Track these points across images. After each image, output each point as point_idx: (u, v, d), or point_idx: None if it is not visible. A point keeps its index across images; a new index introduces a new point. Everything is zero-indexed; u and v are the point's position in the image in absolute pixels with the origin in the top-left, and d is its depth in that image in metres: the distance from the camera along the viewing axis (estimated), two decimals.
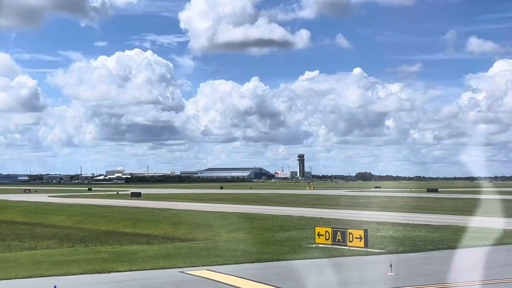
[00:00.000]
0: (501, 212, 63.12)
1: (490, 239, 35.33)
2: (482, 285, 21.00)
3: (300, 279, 22.20)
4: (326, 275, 23.54)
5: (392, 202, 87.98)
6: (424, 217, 53.79)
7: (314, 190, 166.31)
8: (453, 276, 22.76)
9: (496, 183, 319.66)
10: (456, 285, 21.17)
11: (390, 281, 21.56)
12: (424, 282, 21.38)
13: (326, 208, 69.93)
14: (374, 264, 25.45)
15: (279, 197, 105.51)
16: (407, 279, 22.07)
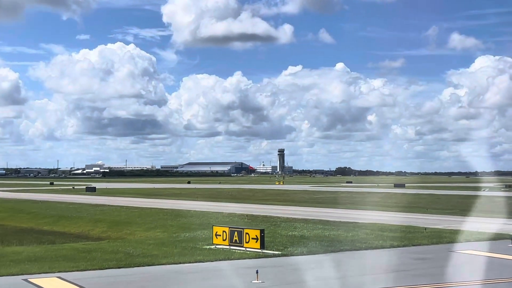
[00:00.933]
0: (448, 209, 61.13)
1: (405, 239, 33.04)
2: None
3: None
4: (181, 284, 21.04)
5: (345, 197, 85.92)
6: (360, 215, 51.49)
7: (283, 185, 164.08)
8: (318, 285, 20.39)
9: (475, 178, 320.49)
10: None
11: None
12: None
13: (273, 204, 67.52)
14: (248, 270, 22.91)
15: (238, 193, 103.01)
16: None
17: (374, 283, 20.66)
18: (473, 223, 43.51)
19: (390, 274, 22.33)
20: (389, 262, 25.60)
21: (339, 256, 27.50)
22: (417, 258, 26.70)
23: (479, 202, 76.67)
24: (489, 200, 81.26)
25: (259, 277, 20.79)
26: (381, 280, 21.11)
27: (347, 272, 23.14)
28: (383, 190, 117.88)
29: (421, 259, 26.62)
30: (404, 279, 21.56)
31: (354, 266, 24.71)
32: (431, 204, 69.78)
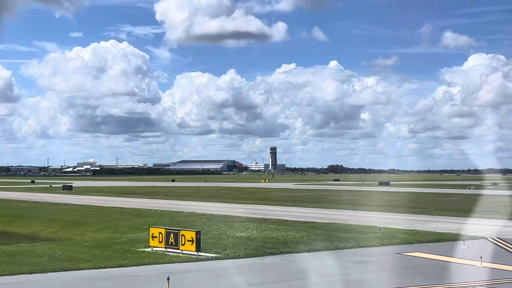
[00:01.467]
0: (421, 208, 59.68)
1: (355, 239, 31.52)
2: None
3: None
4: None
5: (322, 196, 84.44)
6: (325, 214, 50.01)
7: (268, 183, 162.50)
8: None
9: (466, 176, 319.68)
10: None
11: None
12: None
13: (243, 203, 65.89)
14: (166, 276, 21.35)
15: (216, 191, 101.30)
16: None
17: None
18: (438, 223, 42.18)
19: (313, 280, 20.81)
20: (322, 266, 24.11)
21: (274, 259, 25.96)
22: (356, 262, 25.20)
23: (456, 200, 75.33)
24: (467, 198, 79.96)
25: (170, 284, 19.22)
26: (295, 287, 19.66)
27: (268, 277, 21.60)
28: (365, 188, 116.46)
29: (360, 262, 25.13)
30: (327, 285, 20.08)
31: (281, 270, 23.19)
32: (406, 203, 68.26)
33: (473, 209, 60.56)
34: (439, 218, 46.81)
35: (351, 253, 27.70)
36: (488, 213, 51.29)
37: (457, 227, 38.35)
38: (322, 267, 23.80)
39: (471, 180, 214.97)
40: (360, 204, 66.37)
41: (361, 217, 47.01)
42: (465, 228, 37.51)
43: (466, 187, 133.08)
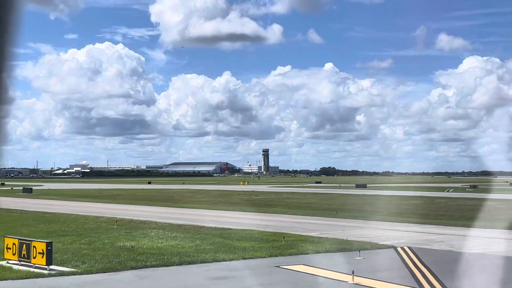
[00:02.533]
0: (366, 213, 56.42)
1: (242, 250, 28.24)
2: None
3: None
4: None
5: (281, 199, 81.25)
6: (252, 219, 46.69)
7: (246, 185, 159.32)
8: None
9: (458, 178, 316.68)
10: None
11: None
12: None
13: (192, 208, 62.74)
14: None
15: (179, 194, 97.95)
16: None
17: None
18: (365, 229, 38.89)
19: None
20: (167, 284, 20.88)
21: (127, 275, 22.73)
22: (215, 278, 21.96)
23: (418, 204, 72.15)
24: (430, 201, 76.80)
25: None
26: None
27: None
28: (337, 191, 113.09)
29: (220, 278, 21.89)
30: None
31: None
32: (359, 206, 65.23)
33: (428, 213, 57.57)
34: (373, 223, 43.48)
35: (221, 266, 24.40)
36: (434, 218, 48.23)
37: (380, 234, 35.14)
38: (165, 286, 20.58)
39: (461, 182, 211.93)
40: (310, 207, 63.31)
41: (290, 222, 43.85)
42: (385, 236, 34.31)
43: (445, 189, 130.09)
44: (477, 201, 70.80)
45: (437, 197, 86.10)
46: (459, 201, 76.40)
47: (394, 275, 22.11)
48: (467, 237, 33.69)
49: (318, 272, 22.71)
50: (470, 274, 22.33)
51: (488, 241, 31.92)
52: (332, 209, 59.06)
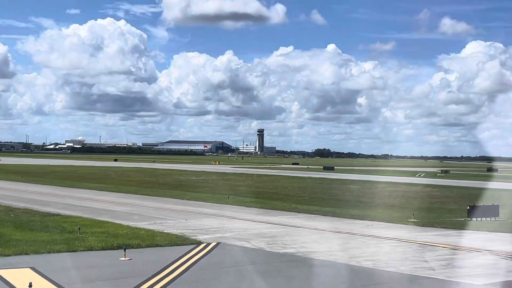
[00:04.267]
0: (287, 197, 50.90)
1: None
2: None
3: None
4: None
5: (224, 180, 75.82)
6: (117, 202, 41.14)
7: (214, 165, 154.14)
8: None
9: (450, 163, 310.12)
10: None
11: None
12: None
13: (95, 189, 57.31)
14: None
15: (120, 174, 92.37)
16: None
17: None
18: (212, 219, 33.00)
19: None
20: None
21: None
22: None
23: (355, 189, 66.54)
24: (372, 186, 71.21)
25: None
26: None
27: None
28: (297, 173, 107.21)
29: None
30: None
31: None
32: (296, 191, 60.51)
33: (345, 199, 52.16)
34: (252, 210, 37.77)
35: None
36: (335, 206, 42.76)
37: (222, 225, 29.49)
38: None
39: (450, 167, 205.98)
40: (214, 191, 57.80)
41: (147, 208, 38.11)
42: (226, 227, 28.65)
43: (416, 174, 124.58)
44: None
45: (388, 183, 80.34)
46: (410, 188, 70.76)
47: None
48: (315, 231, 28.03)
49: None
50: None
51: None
52: (238, 193, 53.70)
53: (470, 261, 20.90)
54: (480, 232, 29.42)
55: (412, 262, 20.48)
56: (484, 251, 23.15)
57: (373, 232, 28.06)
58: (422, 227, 31.16)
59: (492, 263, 20.71)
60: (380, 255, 21.63)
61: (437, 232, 29.20)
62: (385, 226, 31.33)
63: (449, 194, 61.57)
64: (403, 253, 22.23)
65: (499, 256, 22.05)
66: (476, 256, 22.06)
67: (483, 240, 26.48)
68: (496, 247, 24.12)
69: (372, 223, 32.41)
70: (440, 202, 51.80)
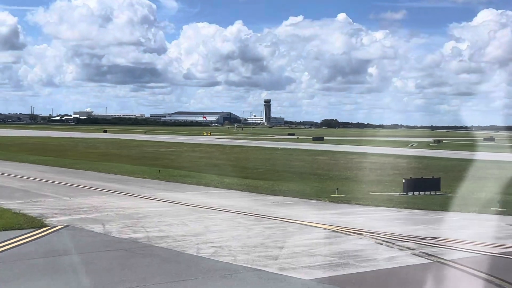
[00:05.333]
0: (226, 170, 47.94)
1: None
2: None
3: None
4: None
5: (184, 152, 72.98)
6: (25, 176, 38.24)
7: (205, 136, 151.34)
8: None
9: (455, 132, 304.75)
10: None
11: None
12: None
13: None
14: None
15: (91, 146, 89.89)
16: None
17: None
18: (104, 197, 30.18)
19: None
20: None
21: None
22: None
23: (326, 161, 63.48)
24: (344, 158, 68.02)
25: None
26: None
27: None
28: (279, 144, 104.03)
29: None
30: None
31: None
32: (257, 163, 57.87)
33: (300, 171, 49.24)
34: (160, 186, 34.71)
35: None
36: (280, 179, 39.79)
37: (108, 202, 26.49)
38: None
39: (457, 136, 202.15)
40: (184, 163, 55.14)
41: (59, 185, 35.19)
42: (99, 206, 25.64)
43: (409, 144, 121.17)
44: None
45: (358, 153, 76.96)
46: (393, 159, 67.52)
47: None
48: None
49: None
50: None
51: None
52: (191, 166, 50.97)
53: (333, 247, 17.77)
54: (388, 210, 26.27)
55: (265, 249, 17.42)
56: (366, 233, 19.99)
57: (264, 211, 24.99)
58: (333, 203, 28.05)
59: (358, 249, 17.57)
60: (234, 241, 18.55)
61: (339, 210, 26.04)
62: (292, 203, 28.19)
63: (417, 166, 58.29)
64: (265, 238, 19.14)
65: (375, 240, 18.89)
66: (348, 241, 18.91)
67: (378, 219, 23.33)
68: (386, 228, 20.98)
69: (284, 199, 29.31)
70: (400, 174, 48.58)
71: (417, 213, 25.55)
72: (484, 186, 40.15)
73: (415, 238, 19.34)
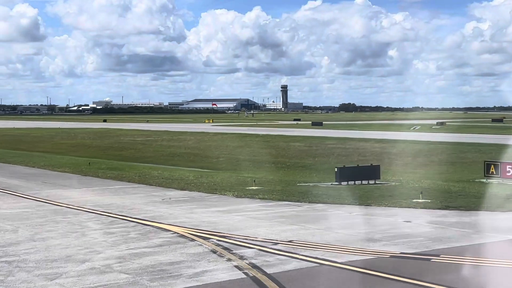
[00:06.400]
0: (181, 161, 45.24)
1: None
2: None
3: None
4: None
5: (157, 141, 70.32)
6: None
7: (207, 123, 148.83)
8: None
9: (476, 114, 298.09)
10: None
11: None
12: None
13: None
14: None
15: (66, 135, 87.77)
16: None
17: None
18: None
19: None
20: None
21: None
22: None
23: (301, 148, 60.41)
24: (322, 144, 64.81)
25: None
26: None
27: None
28: (271, 131, 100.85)
29: None
30: None
31: None
32: (223, 151, 55.27)
33: (261, 160, 46.55)
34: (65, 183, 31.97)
35: None
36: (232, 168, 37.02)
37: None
38: None
39: (477, 118, 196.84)
40: (148, 153, 52.65)
41: None
42: None
43: (411, 127, 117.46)
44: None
45: (344, 139, 73.51)
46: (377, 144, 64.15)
47: None
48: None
49: None
50: None
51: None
52: (149, 156, 48.42)
53: (152, 258, 14.80)
54: (288, 205, 23.17)
55: (61, 264, 14.51)
56: (216, 237, 16.94)
57: (137, 210, 22.07)
58: (234, 198, 25.09)
59: (176, 260, 14.57)
60: (42, 252, 15.66)
61: (228, 207, 22.85)
62: (188, 199, 25.24)
63: (390, 151, 54.85)
64: (84, 248, 16.23)
65: (213, 247, 15.84)
66: (178, 249, 15.89)
67: (259, 218, 20.20)
68: (251, 229, 17.89)
69: (184, 194, 26.39)
70: (365, 160, 45.44)
71: (317, 208, 22.44)
72: (441, 172, 36.91)
73: (267, 243, 16.31)
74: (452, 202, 23.31)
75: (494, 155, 44.95)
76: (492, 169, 31.96)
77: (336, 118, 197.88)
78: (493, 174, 31.94)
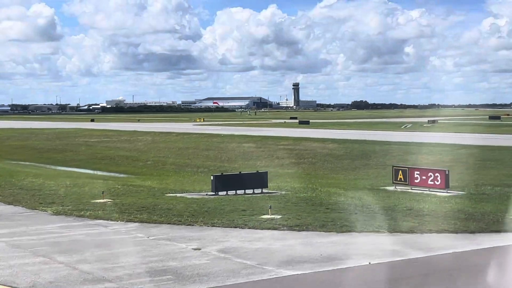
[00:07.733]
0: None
1: None
2: None
3: None
4: None
5: (105, 142, 66.63)
6: None
7: (198, 122, 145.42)
8: None
9: (490, 110, 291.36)
10: None
11: None
12: None
13: None
14: None
15: (34, 136, 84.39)
16: None
17: None
18: None
19: None
20: None
21: None
22: None
23: (247, 151, 56.23)
24: (278, 144, 60.55)
25: None
26: None
27: None
28: (265, 130, 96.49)
29: None
30: None
31: None
32: (166, 153, 51.65)
33: (190, 164, 42.70)
34: None
35: None
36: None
37: None
38: None
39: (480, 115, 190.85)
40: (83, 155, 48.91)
41: None
42: None
43: (402, 126, 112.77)
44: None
45: (312, 139, 69.09)
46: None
47: None
48: None
49: None
50: None
51: None
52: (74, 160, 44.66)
53: None
54: (116, 224, 18.99)
55: None
56: None
57: None
58: (53, 216, 20.92)
59: None
60: None
61: (30, 227, 18.71)
62: (9, 214, 21.20)
63: (337, 152, 50.30)
64: None
65: None
66: None
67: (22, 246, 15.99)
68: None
69: (19, 210, 22.39)
70: (296, 164, 41.24)
71: (151, 227, 18.27)
72: (362, 177, 32.60)
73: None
74: (303, 218, 18.97)
75: (443, 156, 40.53)
76: (400, 175, 27.60)
77: (337, 116, 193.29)
78: (401, 180, 27.58)
